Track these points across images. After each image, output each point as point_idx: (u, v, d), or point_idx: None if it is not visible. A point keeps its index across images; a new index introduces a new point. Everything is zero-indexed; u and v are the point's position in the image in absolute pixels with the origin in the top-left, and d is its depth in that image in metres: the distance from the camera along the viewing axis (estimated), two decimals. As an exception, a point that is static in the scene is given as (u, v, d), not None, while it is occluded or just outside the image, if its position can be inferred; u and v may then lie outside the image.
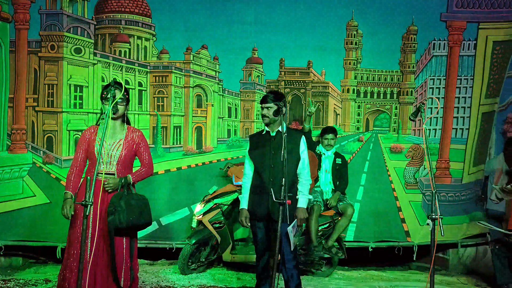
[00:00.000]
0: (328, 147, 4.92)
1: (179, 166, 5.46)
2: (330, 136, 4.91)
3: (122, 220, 3.11)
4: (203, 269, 4.99)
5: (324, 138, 4.93)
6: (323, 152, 4.94)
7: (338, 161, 4.95)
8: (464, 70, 5.53)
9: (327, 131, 4.96)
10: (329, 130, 4.97)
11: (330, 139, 4.91)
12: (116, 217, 3.10)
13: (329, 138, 4.90)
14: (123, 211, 3.11)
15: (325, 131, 4.98)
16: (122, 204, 3.13)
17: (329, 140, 4.90)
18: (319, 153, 4.94)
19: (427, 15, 5.47)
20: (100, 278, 3.17)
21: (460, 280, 5.09)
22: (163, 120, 5.49)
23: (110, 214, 3.11)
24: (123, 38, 5.45)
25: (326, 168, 4.91)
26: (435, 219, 3.09)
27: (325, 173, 4.91)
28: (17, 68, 5.14)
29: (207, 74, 5.61)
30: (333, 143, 4.94)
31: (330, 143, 4.91)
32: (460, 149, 5.60)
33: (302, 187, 3.56)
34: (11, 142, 5.14)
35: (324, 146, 4.94)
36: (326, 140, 4.91)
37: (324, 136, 4.93)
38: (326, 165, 4.92)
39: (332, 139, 4.92)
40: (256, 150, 3.58)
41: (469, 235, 5.57)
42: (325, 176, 4.91)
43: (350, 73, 5.71)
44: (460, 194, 5.62)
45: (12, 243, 5.03)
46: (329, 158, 4.93)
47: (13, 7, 5.09)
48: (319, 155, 4.93)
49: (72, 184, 3.24)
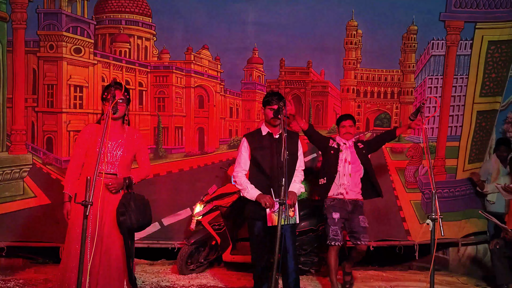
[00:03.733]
0: (347, 136, 4.35)
1: (181, 167, 5.45)
2: (348, 123, 4.35)
3: (134, 221, 3.14)
4: (202, 269, 4.99)
5: (341, 126, 4.38)
6: (343, 143, 4.33)
7: (363, 150, 4.37)
8: (461, 69, 5.56)
9: (343, 117, 4.44)
10: (346, 117, 4.44)
11: (348, 126, 4.34)
12: (127, 218, 3.13)
13: (346, 126, 4.34)
14: (133, 212, 3.14)
15: (341, 118, 4.46)
16: (132, 204, 3.15)
17: (347, 128, 4.34)
18: (335, 147, 4.33)
19: (427, 15, 5.49)
20: (102, 279, 3.16)
21: (460, 280, 5.11)
22: (164, 120, 5.48)
23: (121, 215, 3.13)
24: (123, 38, 5.43)
25: (346, 158, 4.28)
26: (435, 219, 3.09)
27: (345, 163, 4.27)
28: (15, 68, 5.11)
29: (208, 74, 5.60)
30: (352, 130, 4.37)
31: (348, 131, 4.34)
32: (455, 146, 5.65)
33: (297, 175, 3.61)
34: (11, 143, 5.11)
35: (342, 135, 4.37)
36: (343, 128, 4.36)
37: (341, 124, 4.39)
38: (347, 156, 4.29)
39: (350, 126, 4.35)
40: (260, 151, 3.54)
41: (467, 233, 5.60)
42: (343, 167, 4.27)
43: (350, 73, 5.72)
44: (454, 190, 5.66)
45: (13, 244, 5.01)
46: (350, 147, 4.34)
47: (10, 6, 5.05)
48: (335, 148, 4.32)
49: (70, 183, 3.25)
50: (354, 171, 4.28)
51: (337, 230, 4.20)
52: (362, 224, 4.23)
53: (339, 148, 4.32)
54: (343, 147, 4.32)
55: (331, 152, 4.32)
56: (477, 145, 5.64)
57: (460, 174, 5.70)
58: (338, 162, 4.27)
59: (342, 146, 4.33)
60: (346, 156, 4.28)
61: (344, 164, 4.26)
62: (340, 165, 4.27)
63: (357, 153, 4.33)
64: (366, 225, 4.26)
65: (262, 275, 3.60)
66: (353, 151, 4.32)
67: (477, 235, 5.65)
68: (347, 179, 4.26)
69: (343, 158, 4.28)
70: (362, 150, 4.36)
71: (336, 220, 4.21)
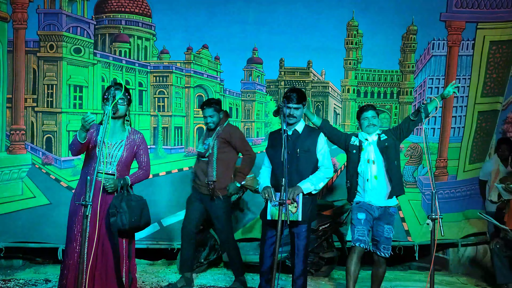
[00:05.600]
0: (371, 129, 3.74)
1: (180, 167, 5.45)
2: (370, 114, 3.74)
3: (125, 222, 3.12)
4: (202, 269, 4.99)
5: (363, 118, 3.77)
6: (365, 138, 3.76)
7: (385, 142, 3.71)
8: (463, 69, 5.56)
9: (364, 108, 3.83)
10: (368, 107, 3.82)
11: (371, 118, 3.74)
12: (118, 219, 3.12)
13: (369, 117, 3.74)
14: (125, 213, 3.13)
15: (362, 109, 3.84)
16: (124, 205, 3.14)
17: (370, 119, 3.73)
18: (356, 145, 3.77)
19: (427, 15, 5.49)
20: (99, 279, 3.17)
21: (460, 280, 5.11)
22: (164, 120, 5.47)
23: (112, 216, 3.12)
24: (123, 38, 5.43)
25: (369, 157, 3.70)
26: (435, 219, 3.08)
27: (367, 163, 3.70)
28: (15, 67, 5.11)
29: (208, 74, 5.60)
30: (376, 122, 3.76)
31: (372, 122, 3.73)
32: (457, 147, 5.63)
33: (316, 173, 3.46)
34: (10, 143, 5.11)
35: (364, 128, 3.76)
36: (366, 120, 3.74)
37: (362, 115, 3.78)
38: (369, 154, 3.71)
39: (373, 117, 3.75)
40: (272, 149, 3.55)
41: (467, 233, 5.59)
42: (366, 168, 3.70)
43: (350, 73, 5.72)
44: (455, 191, 5.65)
45: (12, 244, 5.01)
46: (373, 144, 3.73)
47: (11, 6, 5.05)
48: (357, 146, 3.77)
49: None
50: (379, 172, 3.69)
51: (363, 231, 3.65)
52: (386, 235, 3.70)
53: (361, 146, 3.74)
54: (366, 145, 3.74)
55: (353, 152, 3.78)
56: (477, 145, 5.64)
57: (461, 174, 5.68)
58: (360, 163, 3.73)
59: (364, 144, 3.74)
60: (369, 154, 3.71)
61: (367, 165, 3.70)
62: (362, 166, 3.72)
63: (380, 149, 3.71)
64: (390, 236, 3.73)
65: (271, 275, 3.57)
66: (377, 147, 3.72)
67: (477, 236, 5.65)
68: (371, 183, 3.68)
69: (365, 157, 3.71)
70: (384, 143, 3.71)
71: (362, 221, 3.67)
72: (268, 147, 3.65)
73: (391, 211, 3.73)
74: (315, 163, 3.50)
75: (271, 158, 3.56)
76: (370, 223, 3.71)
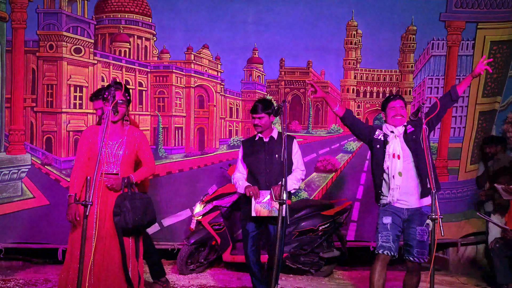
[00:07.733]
0: (397, 120, 3.40)
1: (181, 167, 5.44)
2: (398, 103, 3.41)
3: (128, 221, 3.13)
4: (202, 269, 4.99)
5: (389, 108, 3.44)
6: (391, 130, 3.40)
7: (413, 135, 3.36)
8: (463, 70, 5.56)
9: (391, 98, 3.49)
10: (395, 96, 3.50)
11: (399, 107, 3.40)
12: (122, 218, 3.12)
13: (397, 107, 3.40)
14: (128, 212, 3.13)
15: (388, 99, 3.51)
16: (127, 204, 3.14)
17: (397, 109, 3.40)
18: (381, 139, 3.43)
19: (427, 15, 5.48)
20: (104, 278, 3.16)
21: (460, 280, 5.11)
22: (164, 120, 5.47)
23: (116, 215, 3.13)
24: (123, 38, 5.42)
25: (394, 152, 3.33)
26: (435, 219, 3.07)
27: (393, 159, 3.33)
28: (14, 67, 5.09)
29: (209, 74, 5.59)
30: (404, 113, 3.42)
31: (399, 113, 3.39)
32: (457, 147, 5.62)
33: (294, 174, 3.67)
34: (9, 143, 5.09)
35: (391, 119, 3.42)
36: (392, 110, 3.41)
37: (388, 105, 3.45)
38: (395, 148, 3.34)
39: (401, 107, 3.41)
40: (251, 156, 3.72)
41: (467, 233, 5.60)
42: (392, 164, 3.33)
43: (350, 73, 5.72)
44: (456, 192, 5.65)
45: (12, 245, 5.00)
46: (400, 137, 3.39)
47: (10, 6, 5.04)
48: (381, 141, 3.42)
49: (75, 186, 3.21)
50: (407, 168, 3.33)
51: (388, 236, 3.32)
52: (418, 238, 3.33)
53: (386, 140, 3.39)
54: (391, 138, 3.38)
55: (377, 147, 3.44)
56: (478, 145, 5.64)
57: (462, 175, 5.68)
58: (385, 158, 3.36)
59: (389, 137, 3.39)
60: (395, 149, 3.33)
61: (393, 160, 3.32)
62: (387, 161, 3.34)
63: (407, 142, 3.36)
64: (424, 239, 3.33)
65: (259, 273, 3.76)
66: (403, 140, 3.37)
67: (477, 235, 5.65)
68: (397, 181, 3.32)
69: (390, 152, 3.34)
70: (412, 135, 3.36)
71: (388, 226, 3.34)
72: (245, 156, 3.76)
73: (423, 211, 3.33)
74: (291, 166, 3.69)
75: (250, 165, 3.72)
76: (400, 227, 3.38)
